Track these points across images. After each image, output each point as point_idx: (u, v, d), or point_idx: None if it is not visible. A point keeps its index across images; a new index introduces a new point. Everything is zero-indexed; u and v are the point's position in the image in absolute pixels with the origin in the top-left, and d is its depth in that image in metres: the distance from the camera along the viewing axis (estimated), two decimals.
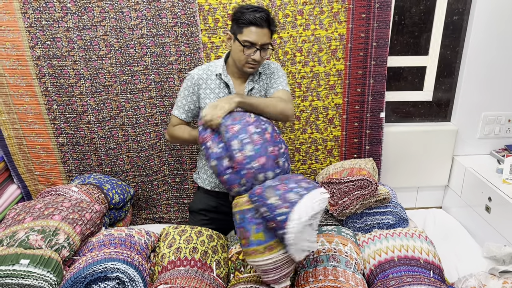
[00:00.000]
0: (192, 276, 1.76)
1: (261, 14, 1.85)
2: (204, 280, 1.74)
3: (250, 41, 1.86)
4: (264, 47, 1.90)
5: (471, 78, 2.77)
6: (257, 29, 1.85)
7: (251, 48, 1.89)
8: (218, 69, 2.04)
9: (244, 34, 1.87)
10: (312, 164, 2.82)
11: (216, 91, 2.04)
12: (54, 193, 2.23)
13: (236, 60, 1.96)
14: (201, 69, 2.08)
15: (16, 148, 2.56)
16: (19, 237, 1.77)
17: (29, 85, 2.43)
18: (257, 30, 1.86)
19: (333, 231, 2.09)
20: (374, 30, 2.54)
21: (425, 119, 2.98)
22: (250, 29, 1.86)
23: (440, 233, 2.66)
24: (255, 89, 2.09)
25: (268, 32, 1.90)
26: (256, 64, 1.94)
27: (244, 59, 1.92)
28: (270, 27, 1.90)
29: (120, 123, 2.55)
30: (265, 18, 1.86)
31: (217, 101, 1.78)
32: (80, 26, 2.34)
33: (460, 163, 2.88)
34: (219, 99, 1.83)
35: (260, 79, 2.10)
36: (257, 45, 1.88)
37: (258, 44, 1.88)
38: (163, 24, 2.39)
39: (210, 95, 2.05)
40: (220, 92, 2.04)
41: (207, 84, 2.05)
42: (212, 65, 2.08)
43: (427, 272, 1.89)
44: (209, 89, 2.05)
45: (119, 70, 2.44)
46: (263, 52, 1.91)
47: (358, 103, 2.70)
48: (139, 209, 2.82)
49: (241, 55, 1.91)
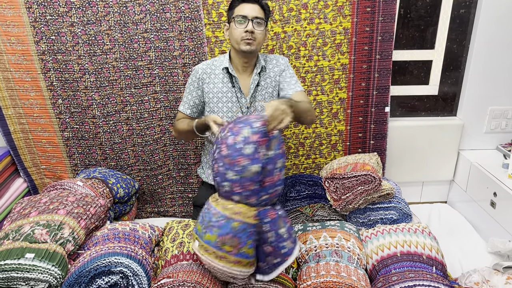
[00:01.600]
0: (195, 270, 1.77)
1: None
2: (206, 274, 1.75)
3: (241, 15, 1.93)
4: (256, 21, 1.93)
5: (477, 72, 2.74)
6: (247, 4, 1.94)
7: (243, 22, 1.93)
8: (224, 63, 2.05)
9: (236, 11, 1.95)
10: (316, 159, 2.81)
11: (219, 86, 2.06)
12: (59, 187, 2.25)
13: (234, 42, 1.98)
14: (205, 64, 2.10)
15: (22, 142, 2.58)
16: (24, 231, 1.80)
17: (34, 79, 2.45)
18: (247, 5, 1.94)
19: (336, 226, 2.09)
20: (379, 24, 2.51)
21: (430, 113, 2.96)
22: (241, 6, 1.94)
23: (445, 228, 2.65)
24: (261, 86, 2.08)
25: (259, 9, 1.96)
26: (251, 40, 1.94)
27: (239, 35, 1.94)
28: (261, 5, 1.97)
29: (124, 118, 2.56)
30: None
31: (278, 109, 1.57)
32: (85, 21, 2.35)
33: (466, 158, 2.86)
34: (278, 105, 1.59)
35: (267, 74, 2.09)
36: (248, 17, 1.92)
37: (250, 16, 1.92)
38: (167, 18, 2.38)
39: (214, 89, 2.06)
40: (223, 87, 2.05)
41: (210, 79, 2.06)
42: (216, 60, 2.11)
43: (430, 268, 1.88)
44: (213, 83, 2.06)
45: (123, 65, 2.45)
46: (257, 26, 1.94)
47: (363, 97, 2.68)
48: (144, 203, 2.84)
49: (236, 32, 1.94)
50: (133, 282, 1.71)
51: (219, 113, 2.07)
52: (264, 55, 2.14)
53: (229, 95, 2.06)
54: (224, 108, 2.07)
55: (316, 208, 2.39)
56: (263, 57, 2.13)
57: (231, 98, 2.06)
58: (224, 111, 2.07)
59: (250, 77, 2.08)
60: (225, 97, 2.06)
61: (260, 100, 2.08)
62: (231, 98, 2.06)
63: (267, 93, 2.10)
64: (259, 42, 1.98)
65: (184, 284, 1.66)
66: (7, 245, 1.74)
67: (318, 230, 2.06)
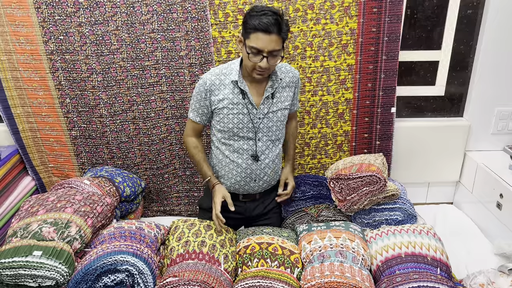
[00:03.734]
0: (200, 270, 1.79)
1: (268, 19, 1.72)
2: (211, 274, 1.76)
3: (257, 48, 1.77)
4: (272, 54, 1.80)
5: (484, 73, 2.73)
6: (264, 35, 1.74)
7: (257, 55, 1.79)
8: (233, 75, 1.95)
9: (251, 39, 1.78)
10: (321, 159, 2.82)
11: (230, 97, 1.97)
12: (67, 185, 2.28)
13: (245, 66, 1.90)
14: (214, 74, 1.99)
15: (30, 141, 2.61)
16: (32, 229, 1.82)
17: (42, 79, 2.48)
18: (264, 37, 1.75)
19: (340, 227, 2.10)
20: (385, 25, 2.51)
21: (437, 114, 2.95)
22: (257, 35, 1.75)
23: (451, 229, 2.64)
24: (277, 98, 2.02)
25: (278, 38, 1.77)
26: (264, 71, 1.85)
27: (252, 65, 1.84)
28: (281, 33, 1.77)
29: (131, 117, 2.58)
30: (274, 23, 1.73)
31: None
32: (92, 21, 2.37)
33: (472, 159, 2.84)
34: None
35: (281, 87, 2.03)
36: (263, 52, 1.78)
37: (265, 51, 1.78)
38: (173, 18, 2.40)
39: (224, 101, 1.98)
40: (234, 98, 1.97)
41: (220, 90, 1.97)
42: (225, 68, 2.00)
43: (434, 269, 1.88)
44: (222, 94, 1.97)
45: (130, 65, 2.47)
46: (272, 59, 1.81)
47: (369, 98, 2.68)
48: (150, 202, 2.86)
49: (249, 62, 1.84)
50: (138, 280, 1.73)
51: (229, 124, 2.01)
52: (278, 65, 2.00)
53: (240, 107, 1.98)
54: (234, 120, 2.00)
55: (321, 208, 2.39)
56: (278, 66, 2.01)
57: (242, 109, 1.98)
58: (234, 122, 2.00)
59: (262, 86, 2.01)
60: (236, 109, 1.98)
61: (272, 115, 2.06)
62: (242, 109, 1.98)
63: (283, 106, 2.06)
64: (272, 69, 1.90)
65: (190, 283, 1.68)
66: (15, 242, 1.77)
67: (323, 231, 2.07)
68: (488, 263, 2.25)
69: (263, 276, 1.81)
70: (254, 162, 2.07)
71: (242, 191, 2.16)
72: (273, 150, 2.11)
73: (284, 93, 2.06)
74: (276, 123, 2.06)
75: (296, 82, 2.12)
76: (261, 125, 2.03)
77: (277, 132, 2.10)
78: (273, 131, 2.07)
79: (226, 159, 2.09)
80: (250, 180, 2.11)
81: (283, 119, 2.10)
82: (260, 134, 2.04)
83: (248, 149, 2.05)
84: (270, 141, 2.08)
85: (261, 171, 2.10)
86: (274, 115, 2.04)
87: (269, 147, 2.09)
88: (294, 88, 2.12)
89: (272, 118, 2.04)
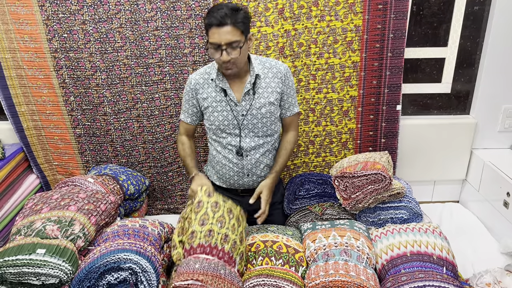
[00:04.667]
0: (223, 277, 1.71)
1: (221, 12, 1.76)
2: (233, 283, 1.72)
3: (214, 42, 1.80)
4: (232, 46, 1.81)
5: (491, 70, 2.70)
6: (218, 28, 1.77)
7: (217, 50, 1.81)
8: (212, 74, 2.00)
9: (209, 36, 1.81)
10: (326, 157, 2.80)
11: (212, 95, 2.02)
12: (70, 183, 2.28)
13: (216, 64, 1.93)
14: (199, 74, 2.05)
15: (35, 139, 2.62)
16: (36, 227, 1.82)
17: (47, 77, 2.48)
18: (217, 30, 1.77)
19: (345, 225, 2.08)
20: (391, 21, 2.49)
21: (443, 111, 2.92)
22: (212, 31, 1.79)
23: (457, 228, 2.62)
24: (258, 94, 2.01)
25: (233, 29, 1.78)
26: (229, 64, 1.85)
27: (217, 61, 1.86)
28: (236, 23, 1.78)
29: (135, 115, 2.58)
30: (226, 15, 1.76)
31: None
32: (96, 19, 2.36)
33: (479, 157, 2.82)
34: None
35: (263, 81, 2.01)
36: (221, 45, 1.79)
37: (223, 44, 1.79)
38: (177, 16, 2.39)
39: (208, 99, 2.03)
40: (217, 96, 2.01)
41: (204, 89, 2.03)
42: (209, 67, 2.05)
43: (440, 268, 1.86)
44: (206, 93, 2.03)
45: (134, 63, 2.46)
46: (232, 51, 1.82)
47: (374, 95, 2.66)
48: (155, 200, 2.86)
49: (213, 57, 1.86)
50: (142, 278, 1.72)
51: (215, 122, 2.05)
52: (260, 60, 2.04)
53: (223, 104, 2.02)
54: (219, 117, 2.04)
55: (326, 206, 2.38)
56: (258, 61, 2.03)
57: (225, 107, 2.02)
58: (219, 119, 2.04)
59: (244, 82, 2.01)
60: (219, 106, 2.02)
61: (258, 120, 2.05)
62: (225, 107, 2.02)
63: (267, 101, 2.03)
64: (241, 61, 1.89)
65: None
66: (19, 240, 1.77)
67: (327, 229, 2.06)
68: (494, 262, 2.23)
69: (268, 274, 1.80)
70: (243, 158, 2.08)
71: (238, 186, 2.19)
72: (263, 145, 2.10)
73: (268, 88, 2.03)
74: (261, 120, 2.04)
75: (281, 77, 2.03)
76: (245, 122, 2.03)
77: (264, 129, 2.07)
78: (259, 128, 2.06)
79: (219, 155, 2.13)
80: (243, 175, 2.13)
81: (270, 115, 2.06)
82: (246, 131, 2.05)
83: (236, 145, 2.07)
84: (258, 137, 2.08)
85: (252, 166, 2.11)
86: (258, 112, 2.03)
87: (258, 142, 2.08)
88: (282, 84, 2.04)
89: (256, 115, 2.03)
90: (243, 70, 1.98)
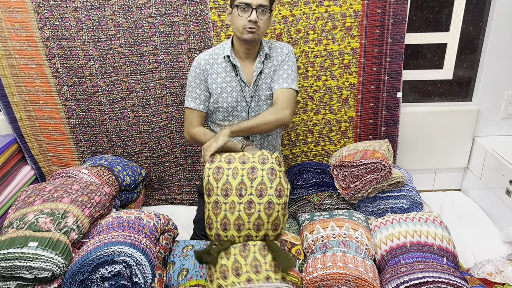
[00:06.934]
0: None
1: None
2: None
3: (245, 2, 1.82)
4: (261, 9, 1.84)
5: (494, 56, 2.64)
6: None
7: (246, 10, 1.84)
8: (226, 51, 1.97)
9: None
10: (325, 146, 2.75)
11: (222, 75, 1.99)
12: (64, 175, 2.24)
13: (236, 30, 1.90)
14: (207, 54, 2.02)
15: (29, 130, 2.57)
16: (28, 220, 1.79)
17: (39, 66, 2.43)
18: None
19: (344, 216, 2.05)
20: (391, 6, 2.42)
21: (444, 98, 2.87)
22: None
23: (458, 216, 2.59)
24: (265, 74, 2.01)
25: None
26: (254, 28, 1.86)
27: (242, 24, 1.85)
28: None
29: (130, 104, 2.53)
30: None
31: (208, 142, 1.76)
32: (88, 6, 2.30)
33: (481, 145, 2.77)
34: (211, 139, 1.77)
35: (270, 62, 2.02)
36: (252, 5, 1.82)
37: (254, 4, 1.82)
38: (171, 2, 2.33)
39: (217, 79, 1.99)
40: (226, 76, 1.98)
41: (213, 69, 1.99)
42: (218, 48, 2.03)
43: (441, 258, 1.83)
44: (216, 73, 1.99)
45: (128, 51, 2.40)
46: (261, 15, 1.85)
47: (374, 82, 2.60)
48: (152, 190, 2.82)
49: (239, 20, 1.85)
50: (136, 271, 1.69)
51: (224, 104, 2.00)
52: (269, 42, 2.06)
53: (233, 84, 1.99)
54: (228, 99, 1.99)
55: (324, 196, 2.34)
56: (268, 44, 2.04)
57: (235, 87, 1.99)
58: (228, 101, 2.00)
59: (253, 64, 2.00)
60: (229, 87, 1.99)
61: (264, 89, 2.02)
62: (235, 87, 1.99)
63: (273, 81, 2.02)
64: (263, 31, 1.91)
65: None
66: (11, 233, 1.74)
67: (325, 220, 2.02)
68: (496, 251, 2.21)
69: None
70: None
71: None
72: None
73: (272, 68, 2.02)
74: (265, 102, 2.03)
75: (282, 57, 2.02)
76: (253, 104, 2.02)
77: None
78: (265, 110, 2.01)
79: None
80: None
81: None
82: (253, 114, 2.02)
83: None
84: None
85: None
86: (263, 93, 2.02)
87: None
88: (281, 62, 2.01)
89: (261, 97, 2.02)
90: (255, 49, 1.98)
